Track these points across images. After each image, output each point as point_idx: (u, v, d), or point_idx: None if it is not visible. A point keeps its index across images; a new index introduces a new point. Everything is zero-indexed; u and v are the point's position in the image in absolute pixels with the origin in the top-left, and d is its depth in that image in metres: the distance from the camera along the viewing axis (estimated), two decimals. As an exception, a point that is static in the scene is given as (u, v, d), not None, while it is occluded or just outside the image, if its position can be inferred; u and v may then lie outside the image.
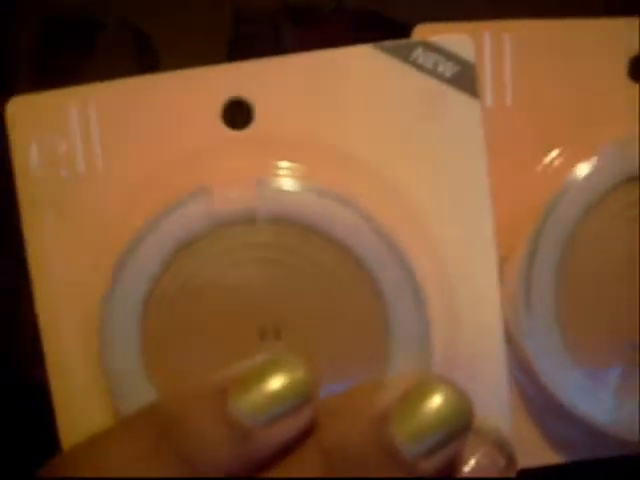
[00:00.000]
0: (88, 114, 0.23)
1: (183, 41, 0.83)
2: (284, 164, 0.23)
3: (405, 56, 0.23)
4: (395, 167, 0.23)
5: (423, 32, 0.23)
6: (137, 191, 0.23)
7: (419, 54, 0.23)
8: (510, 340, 0.23)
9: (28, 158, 0.23)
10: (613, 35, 0.23)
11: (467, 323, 0.23)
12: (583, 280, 0.23)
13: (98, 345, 0.23)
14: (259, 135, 0.23)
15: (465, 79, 0.22)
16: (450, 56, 0.22)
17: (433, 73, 0.22)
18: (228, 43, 0.92)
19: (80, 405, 0.24)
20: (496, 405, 0.23)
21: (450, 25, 0.23)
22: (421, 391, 0.19)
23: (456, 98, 0.22)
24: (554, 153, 0.24)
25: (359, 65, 0.22)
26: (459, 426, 0.19)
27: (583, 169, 0.23)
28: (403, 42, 0.23)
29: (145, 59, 0.87)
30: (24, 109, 0.23)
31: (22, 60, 0.83)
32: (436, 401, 0.18)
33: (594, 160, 0.23)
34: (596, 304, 0.23)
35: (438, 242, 0.23)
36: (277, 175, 0.22)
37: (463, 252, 0.23)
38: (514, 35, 0.24)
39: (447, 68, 0.22)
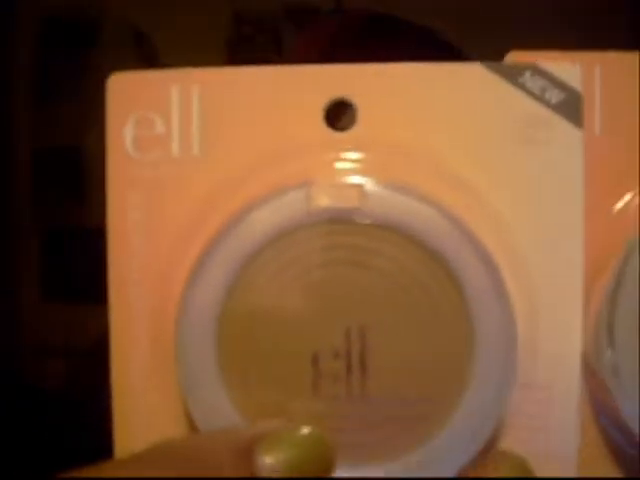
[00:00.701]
0: (190, 97, 0.22)
1: (183, 41, 0.83)
2: (383, 170, 0.23)
3: (513, 78, 0.22)
4: (491, 186, 0.22)
5: (514, 58, 0.23)
6: (231, 181, 0.22)
7: (527, 78, 0.22)
8: (592, 375, 0.23)
9: (123, 136, 0.22)
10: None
11: (545, 351, 0.23)
12: None
13: (174, 336, 0.22)
14: (361, 138, 0.22)
15: (571, 107, 0.22)
16: (558, 83, 0.22)
17: (540, 98, 0.22)
18: (228, 43, 0.92)
19: (141, 402, 0.23)
20: (566, 436, 0.23)
21: (542, 53, 0.23)
22: None
23: (560, 125, 0.22)
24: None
25: (466, 81, 0.22)
26: None
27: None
28: (513, 64, 0.23)
29: (145, 59, 0.87)
30: (124, 86, 0.22)
31: (22, 60, 0.83)
32: None
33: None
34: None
35: (525, 264, 0.23)
36: (377, 179, 0.22)
37: (550, 278, 0.22)
38: (604, 67, 0.23)
39: (554, 95, 0.22)
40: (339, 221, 0.21)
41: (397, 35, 0.42)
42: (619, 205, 0.24)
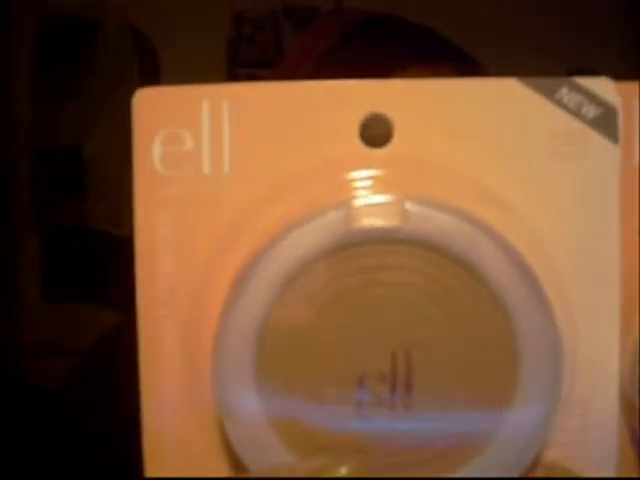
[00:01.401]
0: (221, 113, 0.22)
1: (183, 41, 0.83)
2: (420, 187, 0.22)
3: (550, 94, 0.22)
4: (527, 202, 0.23)
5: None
6: (263, 199, 0.22)
7: (564, 93, 0.22)
8: (627, 399, 0.22)
9: (151, 152, 0.22)
10: None
11: (583, 364, 0.23)
12: None
13: (212, 358, 0.21)
14: (398, 154, 0.22)
15: (607, 123, 0.21)
16: (594, 98, 0.22)
17: (576, 114, 0.22)
18: (228, 43, 0.92)
19: (173, 427, 0.23)
20: (604, 451, 0.22)
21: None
22: None
23: (596, 141, 0.21)
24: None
25: (502, 97, 0.22)
26: None
27: None
28: (549, 80, 0.23)
29: (145, 59, 0.87)
30: (152, 101, 0.22)
31: (22, 60, 0.83)
32: None
33: None
34: None
35: (563, 279, 0.23)
36: (416, 197, 0.21)
37: (588, 292, 0.23)
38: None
39: (590, 110, 0.22)
40: (380, 240, 0.21)
41: (397, 34, 0.42)
42: None
